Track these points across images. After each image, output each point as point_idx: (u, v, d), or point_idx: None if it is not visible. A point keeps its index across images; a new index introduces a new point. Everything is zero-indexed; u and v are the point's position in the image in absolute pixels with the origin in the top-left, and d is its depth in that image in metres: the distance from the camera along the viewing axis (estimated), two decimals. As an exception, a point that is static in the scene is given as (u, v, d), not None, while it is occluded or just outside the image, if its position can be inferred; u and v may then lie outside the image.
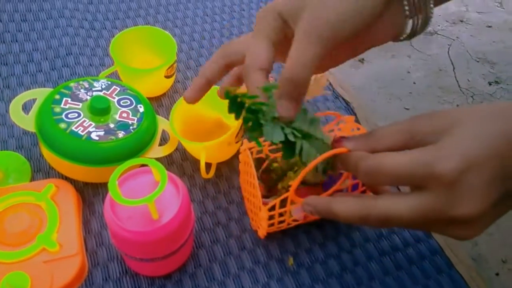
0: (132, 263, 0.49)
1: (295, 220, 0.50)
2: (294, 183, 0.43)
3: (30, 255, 0.48)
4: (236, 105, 0.40)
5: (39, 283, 0.46)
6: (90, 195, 0.56)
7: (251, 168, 0.49)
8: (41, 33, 0.74)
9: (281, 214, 0.48)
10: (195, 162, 0.61)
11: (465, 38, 1.94)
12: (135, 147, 0.54)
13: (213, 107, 0.61)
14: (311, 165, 0.40)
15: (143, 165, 0.45)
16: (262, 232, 0.50)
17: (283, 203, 0.46)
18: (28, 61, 0.69)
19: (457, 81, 1.74)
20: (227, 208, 0.57)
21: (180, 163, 0.61)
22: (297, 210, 0.49)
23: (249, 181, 0.51)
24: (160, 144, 0.58)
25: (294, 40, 0.38)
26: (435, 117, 0.37)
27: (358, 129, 0.54)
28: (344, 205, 0.38)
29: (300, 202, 0.45)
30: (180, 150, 0.62)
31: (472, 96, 1.69)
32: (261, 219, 0.48)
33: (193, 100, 0.48)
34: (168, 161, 0.61)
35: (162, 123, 0.60)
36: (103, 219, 0.54)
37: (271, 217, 0.48)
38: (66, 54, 0.71)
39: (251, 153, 0.55)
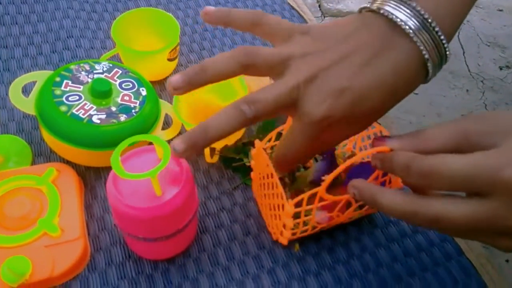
0: (135, 245, 0.48)
1: (318, 223, 0.47)
2: (328, 178, 0.41)
3: (31, 239, 0.47)
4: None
5: (40, 268, 0.45)
6: (92, 179, 0.55)
7: (268, 168, 0.45)
8: (42, 16, 0.72)
9: (306, 215, 0.45)
10: (199, 146, 0.59)
11: (475, 22, 1.90)
12: (137, 131, 0.53)
13: (217, 91, 0.60)
14: (346, 163, 0.39)
15: (145, 147, 0.44)
16: (284, 238, 0.47)
17: (310, 201, 0.44)
18: (28, 43, 0.68)
19: (467, 66, 1.70)
20: (231, 193, 0.56)
21: (183, 147, 0.60)
22: (321, 213, 0.46)
23: (267, 182, 0.47)
24: (163, 128, 0.57)
25: None
26: (493, 117, 0.35)
27: (373, 127, 0.51)
28: (391, 197, 0.36)
29: (330, 199, 0.43)
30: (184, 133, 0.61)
31: (482, 81, 1.66)
32: (285, 216, 0.44)
33: (180, 92, 0.39)
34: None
35: (165, 107, 0.58)
36: (106, 203, 0.53)
37: (296, 216, 0.44)
38: (67, 37, 0.70)
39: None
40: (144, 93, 0.56)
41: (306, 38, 0.39)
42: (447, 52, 0.38)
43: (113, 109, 0.52)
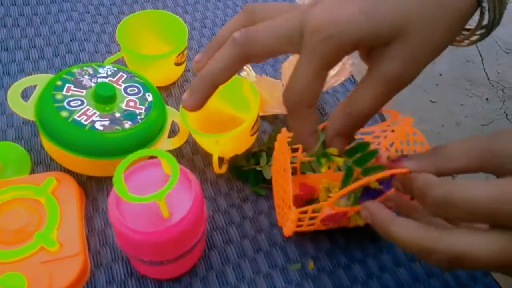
0: (138, 265, 0.45)
1: (325, 224, 0.45)
2: (335, 195, 0.38)
3: (27, 254, 0.44)
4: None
5: (36, 286, 0.42)
6: (94, 189, 0.52)
7: (285, 162, 0.43)
8: (44, 18, 0.69)
9: (311, 218, 0.43)
10: (207, 156, 0.56)
11: (493, 28, 1.86)
12: (143, 139, 0.50)
13: (226, 99, 0.57)
14: (360, 182, 0.36)
15: (151, 157, 0.41)
16: (287, 231, 0.44)
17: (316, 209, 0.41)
18: (30, 46, 0.65)
19: (486, 73, 1.65)
20: (241, 206, 0.53)
21: (190, 156, 0.57)
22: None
23: (282, 174, 0.46)
24: (170, 136, 0.54)
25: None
26: None
27: (415, 134, 0.47)
28: (404, 227, 0.32)
29: (336, 210, 0.40)
30: (191, 143, 0.58)
31: (502, 90, 1.61)
32: (289, 220, 0.43)
33: (196, 108, 0.39)
34: (178, 155, 0.56)
35: (172, 114, 0.55)
36: (107, 216, 0.50)
37: (300, 219, 0.43)
38: (70, 40, 0.67)
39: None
40: (150, 98, 0.53)
41: None
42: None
43: (117, 115, 0.49)
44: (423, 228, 0.31)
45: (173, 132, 0.58)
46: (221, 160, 0.54)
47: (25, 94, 0.56)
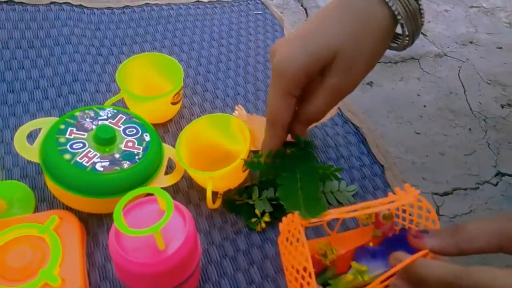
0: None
1: None
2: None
3: (32, 290, 0.46)
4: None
5: (40, 321, 0.45)
6: (95, 226, 0.55)
7: (303, 249, 0.41)
8: (48, 60, 0.73)
9: None
10: (202, 190, 0.59)
11: (475, 60, 1.92)
12: (141, 178, 0.53)
13: (220, 135, 0.60)
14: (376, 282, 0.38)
15: (148, 194, 0.44)
16: None
17: None
18: (34, 88, 0.69)
19: (469, 104, 1.71)
20: (235, 240, 0.55)
21: (186, 191, 0.60)
22: None
23: (300, 260, 0.43)
24: (166, 173, 0.57)
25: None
26: None
27: (420, 200, 0.47)
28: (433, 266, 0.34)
29: None
30: (187, 178, 0.61)
31: (484, 120, 1.66)
32: None
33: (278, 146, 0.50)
34: (174, 190, 0.59)
35: (168, 151, 0.58)
36: (107, 251, 0.53)
37: None
38: (73, 81, 0.71)
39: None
40: (147, 138, 0.56)
41: None
42: (421, 7, 0.41)
43: (117, 156, 0.53)
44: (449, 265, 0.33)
45: (170, 168, 0.61)
46: (215, 194, 0.57)
47: (30, 135, 0.59)
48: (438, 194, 1.42)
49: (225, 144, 0.61)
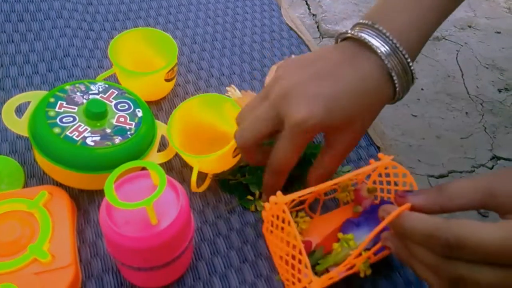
0: (128, 273, 0.47)
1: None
2: (341, 266, 0.40)
3: (21, 266, 0.45)
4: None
5: (29, 296, 0.44)
6: (85, 202, 0.54)
7: (290, 228, 0.42)
8: (38, 34, 0.72)
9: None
10: (195, 169, 0.58)
11: (473, 44, 1.90)
12: (133, 153, 0.52)
13: (213, 115, 0.59)
14: (366, 240, 0.38)
15: (141, 170, 0.43)
16: None
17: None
18: (24, 62, 0.67)
19: (466, 88, 1.70)
20: (228, 218, 0.54)
21: (179, 169, 0.59)
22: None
23: (288, 241, 0.43)
24: (159, 150, 0.56)
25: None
26: None
27: (395, 167, 0.49)
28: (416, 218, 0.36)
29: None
30: (180, 156, 0.59)
31: (481, 104, 1.66)
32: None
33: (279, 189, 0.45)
34: (167, 168, 0.58)
35: (161, 129, 0.57)
36: (99, 228, 0.52)
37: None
38: (64, 56, 0.69)
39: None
40: (140, 114, 0.55)
41: (280, 69, 0.46)
42: (413, 72, 0.45)
43: (108, 131, 0.51)
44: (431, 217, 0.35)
45: (163, 146, 0.59)
46: (205, 175, 0.56)
47: (19, 110, 0.58)
48: (433, 177, 1.42)
49: (219, 125, 0.59)
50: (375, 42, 0.43)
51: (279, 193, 0.43)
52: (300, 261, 0.41)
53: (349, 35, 0.45)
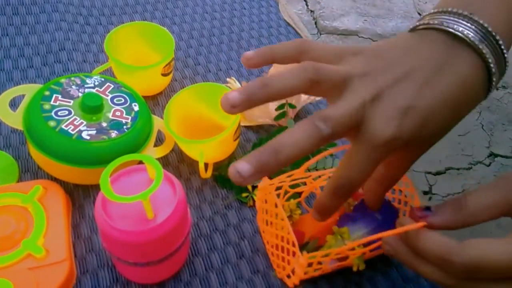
0: (123, 269, 0.46)
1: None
2: (333, 254, 0.40)
3: (14, 261, 0.44)
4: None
5: (23, 292, 0.43)
6: (81, 197, 0.53)
7: (277, 209, 0.42)
8: (33, 27, 0.71)
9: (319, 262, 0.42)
10: (192, 164, 0.58)
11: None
12: (129, 148, 0.51)
13: (210, 105, 0.58)
14: (365, 240, 0.38)
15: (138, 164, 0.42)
16: (294, 281, 0.42)
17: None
18: (18, 56, 0.66)
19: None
20: (225, 214, 0.54)
21: (176, 165, 0.58)
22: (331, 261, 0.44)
23: (276, 222, 0.44)
24: (156, 145, 0.56)
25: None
26: None
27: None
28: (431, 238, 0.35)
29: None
30: (176, 151, 0.59)
31: (479, 101, 1.66)
32: (297, 267, 0.41)
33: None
34: (164, 163, 0.58)
35: (158, 123, 0.57)
36: (94, 223, 0.51)
37: (309, 264, 0.41)
38: (59, 50, 0.68)
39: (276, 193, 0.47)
40: (136, 108, 0.54)
41: (360, 58, 0.37)
42: (507, 63, 0.37)
43: (104, 124, 0.51)
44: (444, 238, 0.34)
45: (160, 141, 0.59)
46: (205, 166, 0.56)
47: (13, 103, 0.57)
48: (431, 173, 1.42)
49: (215, 116, 0.59)
50: (474, 36, 0.35)
51: (265, 178, 0.42)
52: (288, 241, 0.40)
53: (436, 26, 0.37)
